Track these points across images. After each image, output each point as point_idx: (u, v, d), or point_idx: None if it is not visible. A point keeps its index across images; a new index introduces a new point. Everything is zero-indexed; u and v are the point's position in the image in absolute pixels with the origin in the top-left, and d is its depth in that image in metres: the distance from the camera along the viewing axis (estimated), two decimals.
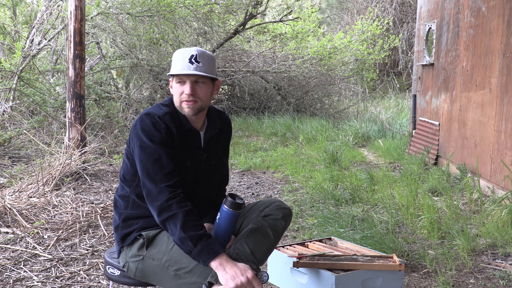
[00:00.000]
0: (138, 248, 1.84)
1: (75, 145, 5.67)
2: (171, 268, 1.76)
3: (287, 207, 1.98)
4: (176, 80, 1.88)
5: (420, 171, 5.54)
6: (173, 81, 1.90)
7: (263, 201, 2.02)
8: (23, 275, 3.03)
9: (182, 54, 1.87)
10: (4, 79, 7.28)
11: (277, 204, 1.97)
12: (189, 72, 1.84)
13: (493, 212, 3.93)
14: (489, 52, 4.80)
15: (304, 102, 11.00)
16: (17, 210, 4.03)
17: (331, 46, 10.74)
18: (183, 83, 1.87)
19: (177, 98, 1.89)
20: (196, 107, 1.87)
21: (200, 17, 9.34)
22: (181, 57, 1.87)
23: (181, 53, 1.88)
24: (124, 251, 1.89)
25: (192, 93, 1.85)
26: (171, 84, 1.94)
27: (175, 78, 1.89)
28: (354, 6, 16.27)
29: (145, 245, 1.83)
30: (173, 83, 1.91)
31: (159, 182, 1.74)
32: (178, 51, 1.91)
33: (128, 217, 1.88)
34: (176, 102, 1.90)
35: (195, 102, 1.86)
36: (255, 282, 1.62)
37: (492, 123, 4.70)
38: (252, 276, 1.62)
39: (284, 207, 1.96)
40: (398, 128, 9.12)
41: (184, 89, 1.86)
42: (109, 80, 9.40)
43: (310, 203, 4.52)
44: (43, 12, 8.32)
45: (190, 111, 1.88)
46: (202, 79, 1.88)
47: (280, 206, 1.96)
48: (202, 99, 1.88)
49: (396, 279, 2.27)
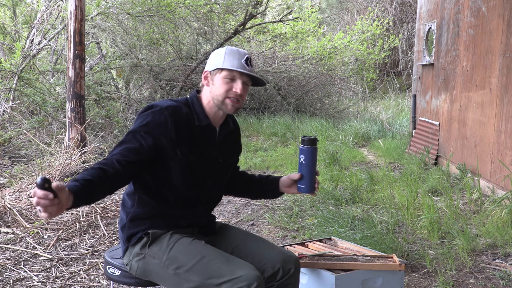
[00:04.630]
0: (141, 247, 1.84)
1: (75, 145, 5.67)
2: (170, 267, 1.75)
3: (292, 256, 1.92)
4: (226, 75, 1.83)
5: (420, 171, 5.54)
6: (219, 75, 1.84)
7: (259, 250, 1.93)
8: (23, 275, 3.03)
9: (237, 53, 1.85)
10: (4, 79, 7.28)
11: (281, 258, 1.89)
12: (247, 72, 1.83)
13: (493, 212, 3.93)
14: (489, 52, 4.80)
15: (304, 102, 11.00)
16: (17, 210, 4.03)
17: (331, 46, 10.74)
18: (233, 80, 1.83)
19: (221, 92, 1.84)
20: (238, 107, 1.87)
21: (200, 17, 9.33)
22: (236, 55, 1.84)
23: (235, 52, 1.85)
24: (128, 250, 1.89)
25: (241, 94, 1.84)
26: (210, 76, 1.87)
27: (225, 72, 1.83)
28: (354, 6, 16.27)
29: (147, 243, 1.83)
30: (217, 77, 1.85)
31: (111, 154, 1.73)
32: (228, 48, 1.87)
33: (135, 216, 1.87)
34: (218, 95, 1.85)
35: (240, 103, 1.86)
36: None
37: (492, 123, 4.69)
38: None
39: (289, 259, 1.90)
40: (398, 128, 9.12)
41: (234, 87, 1.83)
42: (109, 80, 9.40)
43: (310, 203, 4.52)
44: (43, 12, 8.32)
45: (232, 110, 1.86)
46: (249, 82, 1.88)
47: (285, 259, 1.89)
48: (243, 101, 1.88)
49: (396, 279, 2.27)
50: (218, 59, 1.85)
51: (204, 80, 1.89)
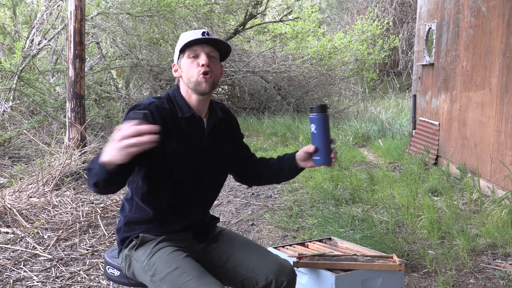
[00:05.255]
0: (129, 249, 1.86)
1: (75, 145, 5.67)
2: (148, 273, 1.76)
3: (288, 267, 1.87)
4: (188, 54, 1.77)
5: (420, 171, 5.54)
6: (183, 59, 1.79)
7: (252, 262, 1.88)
8: (23, 275, 3.03)
9: (193, 32, 1.78)
10: (4, 79, 7.28)
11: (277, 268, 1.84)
12: (205, 37, 1.75)
13: (493, 212, 3.93)
14: (489, 52, 4.80)
15: (304, 102, 11.01)
16: (17, 210, 4.03)
17: (331, 46, 10.74)
18: (196, 57, 1.76)
19: (191, 74, 1.77)
20: (212, 81, 1.78)
21: (200, 17, 9.34)
22: (192, 33, 1.78)
23: (191, 32, 1.79)
24: (121, 252, 1.91)
25: (209, 65, 1.74)
26: (177, 67, 1.82)
27: (186, 53, 1.77)
28: (354, 6, 16.28)
29: (135, 246, 1.84)
30: (182, 62, 1.79)
31: None
32: (185, 32, 1.81)
33: (130, 221, 1.88)
34: (190, 78, 1.78)
35: (211, 75, 1.76)
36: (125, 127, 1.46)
37: (492, 123, 4.69)
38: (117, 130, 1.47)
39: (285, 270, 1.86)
40: (398, 128, 9.12)
41: (198, 61, 1.75)
42: (109, 80, 9.40)
43: (310, 203, 4.52)
44: (43, 12, 8.32)
45: (207, 87, 1.76)
46: (214, 53, 1.78)
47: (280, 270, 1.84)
48: (215, 74, 1.78)
49: (396, 279, 2.27)
50: (178, 45, 1.81)
51: (175, 73, 1.84)
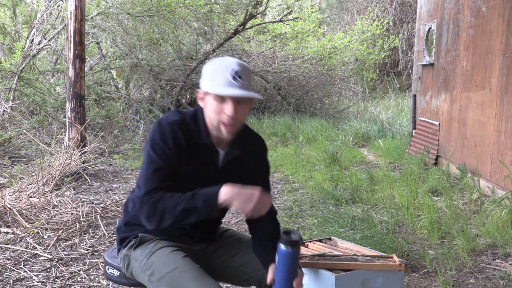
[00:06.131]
0: (128, 248, 1.86)
1: (75, 145, 5.67)
2: (147, 272, 1.76)
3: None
4: (214, 97, 1.64)
5: (420, 171, 5.54)
6: (209, 96, 1.66)
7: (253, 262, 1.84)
8: (23, 275, 3.03)
9: (223, 67, 1.63)
10: (4, 79, 7.28)
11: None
12: (235, 93, 1.60)
13: (493, 212, 3.93)
14: (489, 52, 4.80)
15: (304, 102, 11.01)
16: (17, 210, 4.03)
17: (331, 46, 10.74)
18: (223, 100, 1.63)
19: (214, 117, 1.66)
20: (235, 131, 1.70)
21: (200, 17, 9.34)
22: (220, 71, 1.62)
23: (220, 66, 1.64)
24: (120, 252, 1.91)
25: (234, 115, 1.63)
26: (202, 97, 1.70)
27: (212, 94, 1.64)
28: (354, 6, 16.27)
29: (134, 246, 1.84)
30: (207, 98, 1.67)
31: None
32: (214, 62, 1.67)
33: (130, 221, 1.88)
34: (212, 120, 1.68)
35: (234, 126, 1.66)
36: (266, 196, 1.56)
37: (492, 123, 4.69)
38: (261, 192, 1.55)
39: None
40: (398, 128, 9.12)
41: (225, 109, 1.63)
42: (109, 80, 9.40)
43: (310, 203, 4.52)
44: (43, 12, 8.32)
45: (228, 135, 1.68)
46: (243, 98, 1.65)
47: None
48: (241, 121, 1.69)
49: (396, 279, 2.27)
50: (204, 78, 1.68)
51: (200, 101, 1.73)
